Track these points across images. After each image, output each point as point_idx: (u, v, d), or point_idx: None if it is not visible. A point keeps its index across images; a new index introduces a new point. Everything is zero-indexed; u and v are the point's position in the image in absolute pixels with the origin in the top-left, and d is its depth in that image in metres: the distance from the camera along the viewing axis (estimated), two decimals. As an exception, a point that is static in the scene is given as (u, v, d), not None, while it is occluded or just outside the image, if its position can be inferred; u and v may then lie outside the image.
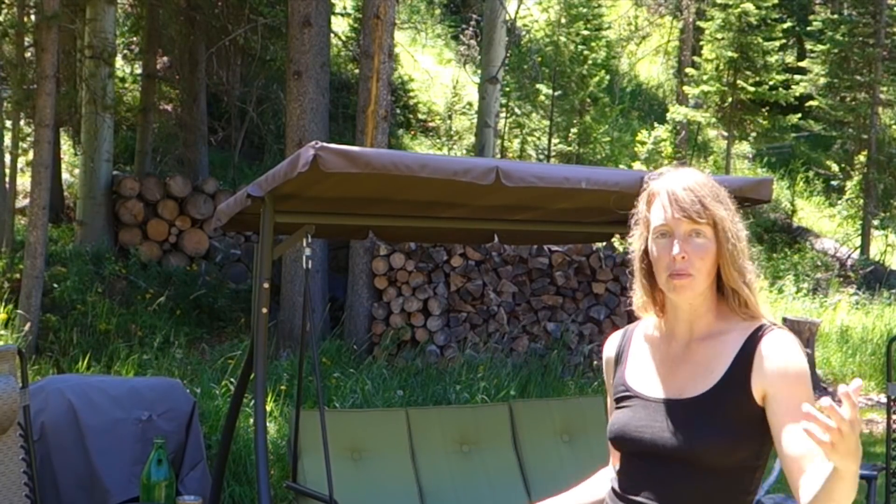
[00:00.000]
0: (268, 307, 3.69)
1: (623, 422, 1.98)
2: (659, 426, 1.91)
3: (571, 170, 3.93)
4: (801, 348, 1.90)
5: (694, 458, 1.85)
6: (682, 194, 1.92)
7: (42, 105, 7.26)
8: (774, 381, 1.84)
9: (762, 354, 1.87)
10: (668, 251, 1.91)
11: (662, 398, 1.95)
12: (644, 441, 1.92)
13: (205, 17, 10.53)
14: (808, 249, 14.84)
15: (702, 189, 1.93)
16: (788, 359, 1.86)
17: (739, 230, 1.94)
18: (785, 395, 1.83)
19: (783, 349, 1.87)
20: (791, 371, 1.85)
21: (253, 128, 12.11)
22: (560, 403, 5.50)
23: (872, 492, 4.36)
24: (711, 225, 1.90)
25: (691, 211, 1.90)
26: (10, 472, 3.49)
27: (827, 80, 15.91)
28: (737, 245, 1.92)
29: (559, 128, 14.10)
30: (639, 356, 2.05)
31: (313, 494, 3.82)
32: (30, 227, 7.34)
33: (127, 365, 6.74)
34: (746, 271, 1.93)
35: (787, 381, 1.84)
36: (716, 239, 1.91)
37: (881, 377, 9.63)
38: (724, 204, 1.94)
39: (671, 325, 2.02)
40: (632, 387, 2.01)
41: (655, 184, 1.98)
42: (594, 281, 9.07)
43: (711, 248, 1.90)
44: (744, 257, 1.93)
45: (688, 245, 1.90)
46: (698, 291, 1.92)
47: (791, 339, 1.89)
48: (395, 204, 4.03)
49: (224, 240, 9.35)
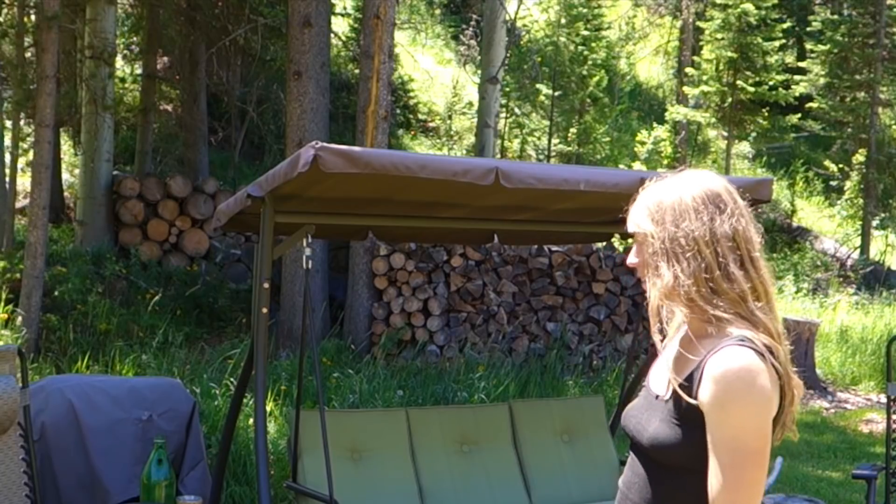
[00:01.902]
0: (268, 307, 3.69)
1: (628, 408, 2.10)
2: (643, 418, 2.00)
3: (571, 171, 3.94)
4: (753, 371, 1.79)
5: (644, 450, 1.95)
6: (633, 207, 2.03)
7: (42, 105, 7.26)
8: (706, 403, 1.83)
9: (707, 373, 1.83)
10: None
11: (649, 391, 2.05)
12: (629, 430, 2.04)
13: (205, 17, 10.53)
14: (808, 249, 14.85)
15: (641, 199, 2.01)
16: (724, 385, 1.79)
17: (672, 233, 1.92)
18: (710, 420, 1.82)
19: (723, 374, 1.80)
20: (724, 399, 1.79)
21: (253, 128, 12.11)
22: (560, 403, 5.51)
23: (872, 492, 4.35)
24: (640, 231, 1.99)
25: (631, 223, 2.02)
26: (10, 472, 3.49)
27: (827, 80, 15.91)
28: (661, 247, 1.93)
29: (559, 128, 14.11)
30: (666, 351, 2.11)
31: (313, 494, 3.82)
32: (30, 227, 7.34)
33: (127, 365, 6.74)
34: (664, 274, 1.92)
35: (715, 409, 1.80)
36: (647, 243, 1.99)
37: (881, 377, 9.63)
38: (646, 214, 1.97)
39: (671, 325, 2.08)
40: (648, 378, 2.10)
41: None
42: (594, 281, 9.07)
43: (643, 256, 2.00)
44: (669, 261, 1.91)
45: (641, 253, 2.01)
46: (653, 298, 1.95)
47: (739, 361, 1.80)
48: (395, 204, 4.03)
49: (224, 240, 9.35)
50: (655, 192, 2.00)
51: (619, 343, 9.13)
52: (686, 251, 1.90)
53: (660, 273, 1.93)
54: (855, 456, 7.47)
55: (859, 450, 7.76)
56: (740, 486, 1.78)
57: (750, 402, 1.79)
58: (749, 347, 1.82)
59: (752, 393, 1.79)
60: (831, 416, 8.98)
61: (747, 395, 1.79)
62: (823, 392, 9.67)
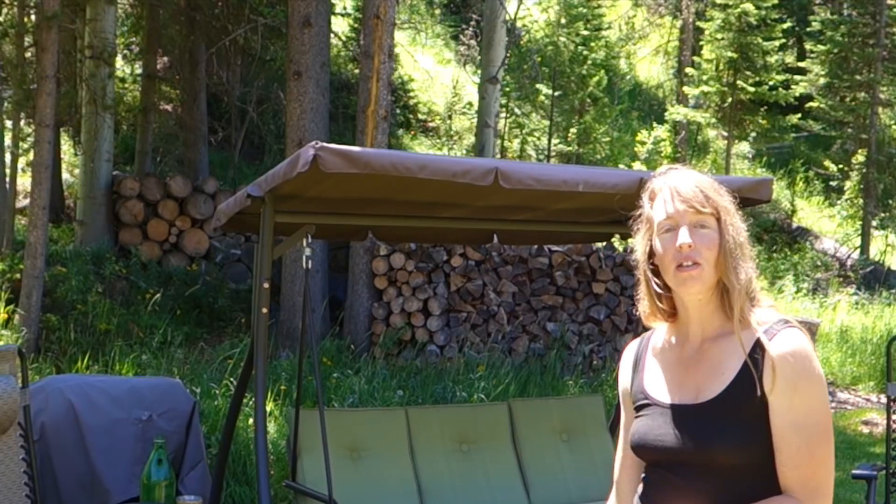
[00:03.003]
0: (268, 307, 3.70)
1: (643, 431, 1.94)
2: (676, 432, 1.87)
3: (570, 171, 3.94)
4: (810, 349, 1.85)
5: (711, 460, 1.82)
6: (684, 187, 1.91)
7: (42, 105, 7.26)
8: (778, 385, 1.80)
9: (773, 355, 1.82)
10: (673, 243, 1.88)
11: (679, 403, 1.91)
12: (665, 448, 1.88)
13: (205, 17, 10.53)
14: (808, 249, 14.84)
15: (702, 182, 1.93)
16: (797, 363, 1.82)
17: (740, 228, 1.91)
18: (784, 402, 1.80)
19: (793, 352, 1.82)
20: (799, 377, 1.81)
21: (253, 128, 12.11)
22: (559, 403, 5.51)
23: (872, 492, 4.35)
24: (715, 216, 1.89)
25: (694, 201, 1.88)
26: (11, 472, 3.49)
27: (827, 80, 15.91)
28: (737, 240, 1.89)
29: (559, 128, 14.11)
30: (655, 363, 2.02)
31: (313, 494, 3.83)
32: (30, 227, 7.34)
33: (126, 365, 6.74)
34: (740, 272, 1.88)
35: (791, 388, 1.80)
36: (719, 231, 1.88)
37: (881, 377, 9.63)
38: (724, 198, 1.93)
39: (683, 327, 1.98)
40: (650, 394, 1.98)
41: (656, 181, 1.97)
42: (594, 281, 9.07)
43: (717, 239, 1.88)
44: (742, 256, 1.89)
45: (694, 235, 1.87)
46: (707, 284, 1.88)
47: (801, 341, 1.84)
48: (395, 204, 4.03)
49: (224, 240, 9.35)
50: (694, 176, 1.94)
51: (619, 343, 9.12)
52: (740, 228, 1.92)
53: (740, 263, 1.88)
54: (855, 456, 7.47)
55: (859, 450, 7.76)
56: (818, 463, 1.80)
57: (816, 379, 1.83)
58: (794, 327, 1.87)
59: (816, 369, 1.83)
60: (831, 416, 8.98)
61: (813, 373, 1.83)
62: (823, 392, 9.66)
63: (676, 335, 2.00)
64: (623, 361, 2.12)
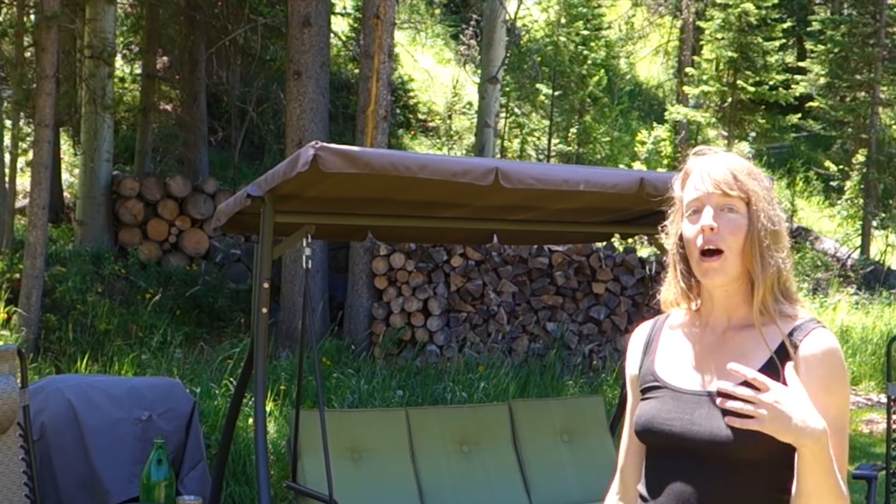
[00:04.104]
0: (268, 307, 3.70)
1: (651, 414, 1.86)
2: (689, 418, 1.80)
3: (570, 171, 3.94)
4: (840, 350, 1.81)
5: (722, 451, 1.75)
6: (715, 168, 1.85)
7: (42, 105, 7.26)
8: (812, 386, 1.73)
9: (805, 353, 1.77)
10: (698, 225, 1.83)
11: (694, 389, 1.84)
12: (673, 434, 1.81)
13: (205, 17, 10.53)
14: (808, 249, 14.84)
15: (736, 165, 1.86)
16: (830, 364, 1.77)
17: (776, 215, 1.85)
18: (817, 402, 1.71)
19: (826, 353, 1.78)
20: (831, 379, 1.77)
21: (253, 128, 12.11)
22: (560, 403, 5.51)
23: (872, 492, 4.35)
24: (745, 201, 1.82)
25: (722, 183, 1.82)
26: (10, 472, 3.49)
27: (827, 80, 15.90)
28: (768, 229, 1.82)
29: (559, 128, 14.10)
30: (670, 346, 1.94)
31: (313, 494, 3.82)
32: (30, 227, 7.34)
33: (126, 365, 6.74)
34: (768, 261, 1.81)
35: (823, 389, 1.75)
36: (748, 216, 1.81)
37: (881, 377, 9.63)
38: (759, 182, 1.86)
39: (706, 314, 1.91)
40: (661, 377, 1.90)
41: (690, 163, 1.92)
42: (594, 281, 9.07)
43: (744, 225, 1.81)
44: (774, 246, 1.82)
45: (719, 218, 1.81)
46: (731, 275, 1.82)
47: (833, 341, 1.80)
48: (394, 204, 4.03)
49: (224, 240, 9.34)
50: (729, 159, 1.86)
51: (619, 343, 9.12)
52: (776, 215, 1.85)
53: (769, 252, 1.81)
54: (855, 456, 7.46)
55: (859, 450, 7.76)
56: (842, 465, 1.74)
57: (845, 382, 1.81)
58: (825, 327, 1.83)
59: (846, 373, 1.82)
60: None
61: (844, 376, 1.80)
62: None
63: (697, 321, 1.93)
64: (632, 343, 2.04)
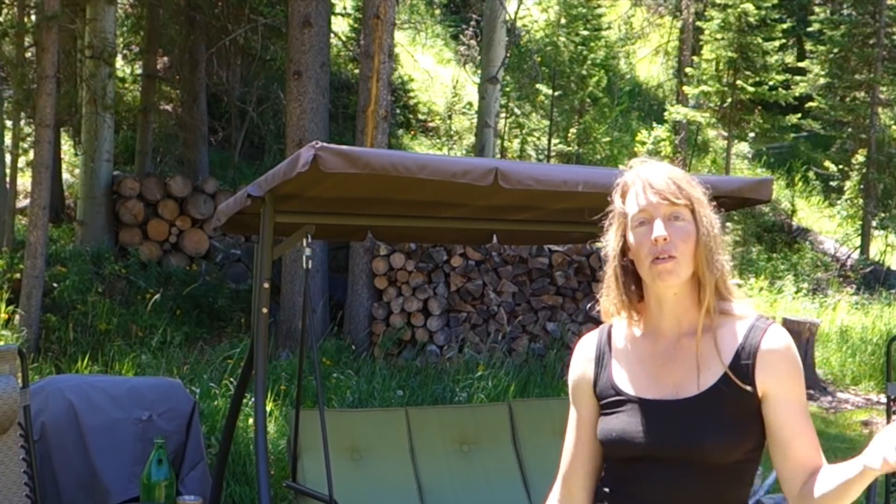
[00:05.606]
0: (268, 307, 3.70)
1: (620, 427, 1.89)
2: (659, 428, 1.84)
3: (570, 171, 3.94)
4: (792, 342, 1.93)
5: (700, 456, 1.81)
6: (657, 179, 1.89)
7: (42, 105, 7.27)
8: (781, 379, 1.85)
9: (767, 350, 1.85)
10: (648, 236, 1.85)
11: (657, 399, 1.88)
12: (645, 444, 1.85)
13: (205, 17, 10.53)
14: (808, 249, 14.85)
15: (676, 173, 1.92)
16: (792, 357, 1.88)
17: (714, 220, 1.90)
18: (790, 394, 1.85)
19: (787, 347, 1.88)
20: (795, 370, 1.87)
21: (253, 128, 12.11)
22: (560, 403, 5.50)
23: (872, 492, 4.36)
24: (689, 207, 1.87)
25: (668, 193, 1.86)
26: (11, 472, 3.49)
27: (826, 80, 15.91)
28: (710, 233, 1.87)
29: (559, 128, 14.10)
30: (624, 358, 1.96)
31: (313, 494, 3.83)
32: (30, 227, 7.34)
33: (126, 365, 6.74)
34: (715, 264, 1.87)
35: (793, 380, 1.86)
36: (694, 222, 1.87)
37: (881, 377, 9.63)
38: (698, 189, 1.92)
39: (655, 321, 1.94)
40: (623, 390, 1.92)
41: (628, 175, 1.95)
42: (594, 281, 9.07)
43: (693, 231, 1.86)
44: (717, 247, 1.88)
45: (669, 228, 1.85)
46: (683, 278, 1.86)
47: (787, 334, 1.91)
48: (394, 204, 4.03)
49: (224, 240, 9.35)
50: (666, 169, 1.92)
51: (619, 343, 9.12)
52: (713, 219, 1.91)
53: (714, 255, 1.88)
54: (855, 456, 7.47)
55: (859, 450, 7.72)
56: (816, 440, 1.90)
57: (801, 367, 1.91)
58: (775, 322, 1.93)
59: (800, 359, 1.91)
60: (831, 416, 8.98)
61: (800, 363, 1.91)
62: (823, 392, 9.67)
63: (645, 330, 1.96)
64: (580, 356, 2.04)
